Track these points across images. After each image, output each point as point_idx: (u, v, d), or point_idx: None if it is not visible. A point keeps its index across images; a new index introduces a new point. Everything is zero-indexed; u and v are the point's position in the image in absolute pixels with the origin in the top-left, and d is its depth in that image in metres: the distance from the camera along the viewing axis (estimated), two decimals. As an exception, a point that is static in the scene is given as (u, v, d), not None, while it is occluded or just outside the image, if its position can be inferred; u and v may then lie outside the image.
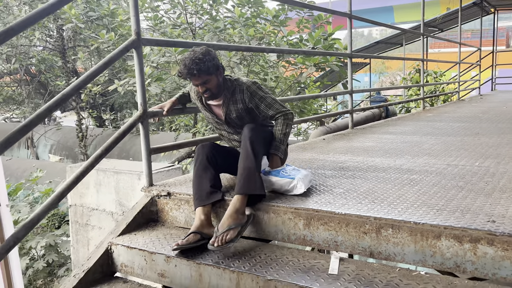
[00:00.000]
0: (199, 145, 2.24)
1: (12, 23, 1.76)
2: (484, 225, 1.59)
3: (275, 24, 8.03)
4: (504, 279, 1.51)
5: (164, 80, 7.18)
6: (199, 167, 2.18)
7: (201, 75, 2.14)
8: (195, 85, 2.24)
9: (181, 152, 9.78)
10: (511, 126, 4.41)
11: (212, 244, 1.83)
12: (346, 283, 1.58)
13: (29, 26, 2.04)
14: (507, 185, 2.16)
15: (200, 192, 2.11)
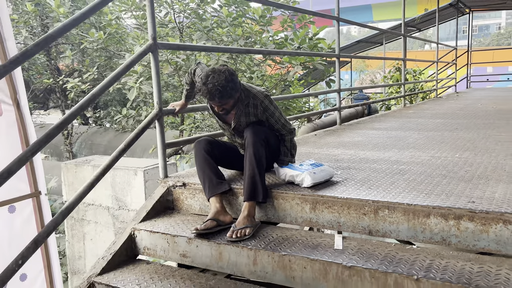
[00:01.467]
0: (195, 142, 2.42)
1: (51, 30, 1.95)
2: (465, 205, 1.89)
3: (261, 24, 8.27)
4: (483, 249, 1.81)
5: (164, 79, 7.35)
6: (200, 161, 2.36)
7: (222, 101, 2.26)
8: (212, 105, 2.37)
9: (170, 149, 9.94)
10: (486, 122, 4.78)
11: (231, 236, 2.07)
12: (350, 256, 1.85)
13: (67, 32, 2.24)
14: (483, 173, 2.47)
15: (209, 183, 2.32)
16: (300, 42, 7.75)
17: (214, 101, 2.26)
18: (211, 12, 8.84)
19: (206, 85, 2.21)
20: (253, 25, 8.32)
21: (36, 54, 1.88)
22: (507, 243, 1.76)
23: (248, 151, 2.27)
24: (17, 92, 2.13)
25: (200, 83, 2.25)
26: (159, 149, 2.65)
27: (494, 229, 1.78)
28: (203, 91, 2.23)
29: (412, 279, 1.65)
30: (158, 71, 2.54)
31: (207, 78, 2.21)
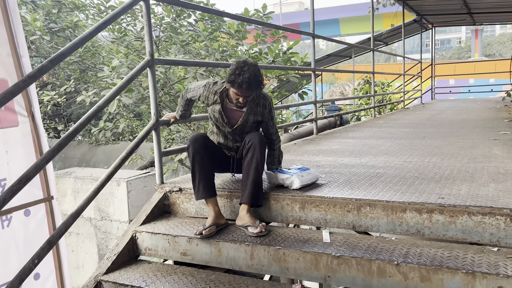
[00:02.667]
0: (192, 138, 2.46)
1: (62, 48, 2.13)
2: (436, 200, 2.16)
3: (236, 38, 8.55)
4: (451, 238, 2.08)
5: (133, 91, 7.49)
6: (199, 160, 2.42)
7: (253, 90, 2.44)
8: (241, 96, 2.43)
9: (144, 161, 10.04)
10: (450, 130, 5.17)
11: (253, 232, 2.28)
12: (338, 247, 2.09)
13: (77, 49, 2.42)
14: (450, 174, 2.77)
15: (205, 183, 2.42)
16: (274, 56, 8.06)
17: (247, 90, 2.39)
18: (187, 26, 9.05)
19: (242, 74, 2.34)
20: (229, 39, 8.59)
21: (50, 70, 2.06)
22: (471, 232, 2.04)
23: (254, 155, 2.40)
24: (31, 104, 2.28)
25: (235, 73, 2.36)
26: (156, 157, 2.83)
27: (461, 220, 2.06)
28: (240, 80, 2.34)
29: (393, 264, 1.90)
30: (155, 84, 2.74)
31: (243, 68, 2.35)
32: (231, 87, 2.43)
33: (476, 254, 1.92)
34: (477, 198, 2.17)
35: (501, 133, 4.63)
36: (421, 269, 1.85)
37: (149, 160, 10.15)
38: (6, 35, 2.10)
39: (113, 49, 9.10)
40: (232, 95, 2.48)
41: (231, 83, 2.41)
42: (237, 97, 2.46)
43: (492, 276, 1.72)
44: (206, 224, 2.36)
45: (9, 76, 2.14)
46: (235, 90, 2.43)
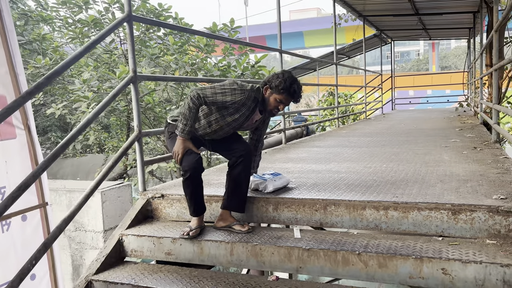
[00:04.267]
0: (193, 159, 2.51)
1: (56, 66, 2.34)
2: (391, 198, 2.49)
3: (205, 52, 8.82)
4: (404, 230, 2.41)
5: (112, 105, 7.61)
6: (194, 184, 2.56)
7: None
8: (284, 103, 2.58)
9: (113, 173, 10.11)
10: (407, 139, 5.61)
11: (242, 229, 2.55)
12: (307, 242, 2.38)
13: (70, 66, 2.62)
14: (405, 177, 3.12)
15: (198, 202, 2.60)
16: (243, 69, 8.37)
17: (296, 100, 2.61)
18: (156, 40, 9.24)
19: (296, 85, 2.55)
20: (199, 52, 8.85)
21: (46, 86, 2.26)
22: (421, 225, 2.38)
23: (246, 167, 2.62)
24: (28, 118, 2.45)
25: (287, 81, 2.52)
26: (138, 166, 3.04)
27: (412, 215, 2.39)
28: (296, 90, 2.56)
29: (355, 254, 2.20)
30: (138, 98, 2.97)
31: (294, 79, 2.57)
32: (280, 94, 2.53)
33: (424, 243, 2.25)
34: (426, 196, 2.51)
35: (452, 140, 5.08)
36: (379, 257, 2.15)
37: (118, 172, 10.22)
38: (4, 55, 2.28)
39: (81, 62, 9.18)
40: (273, 102, 2.58)
41: (282, 90, 2.52)
42: (279, 104, 2.59)
43: (436, 259, 2.05)
44: (192, 226, 2.58)
45: (7, 93, 2.32)
46: (282, 98, 2.55)
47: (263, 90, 2.61)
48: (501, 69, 7.77)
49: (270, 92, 2.57)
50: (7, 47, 2.29)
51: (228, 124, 2.62)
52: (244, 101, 2.54)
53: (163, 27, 7.67)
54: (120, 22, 2.83)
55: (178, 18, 9.08)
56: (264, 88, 2.60)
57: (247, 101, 2.55)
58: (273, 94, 2.56)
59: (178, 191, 2.99)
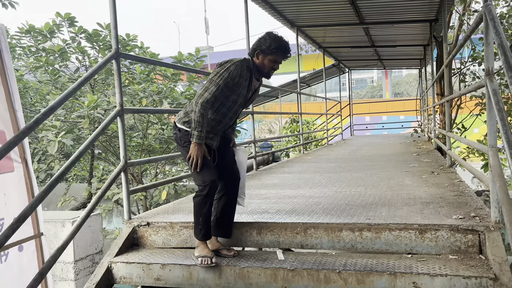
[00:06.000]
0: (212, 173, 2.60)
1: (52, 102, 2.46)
2: (364, 221, 2.74)
3: (173, 80, 9.00)
4: (377, 249, 2.66)
5: (76, 133, 7.58)
6: (210, 199, 2.63)
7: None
8: (277, 62, 2.67)
9: (77, 202, 9.95)
10: (370, 164, 5.97)
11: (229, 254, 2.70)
12: (291, 263, 2.57)
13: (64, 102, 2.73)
14: (373, 201, 3.40)
15: (209, 224, 2.68)
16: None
17: (285, 58, 2.70)
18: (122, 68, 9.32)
19: (283, 42, 2.63)
20: (165, 81, 9.02)
21: (43, 121, 2.38)
22: (392, 244, 2.63)
23: (235, 197, 2.81)
24: (25, 151, 2.52)
25: (276, 41, 2.62)
26: (124, 195, 3.16)
27: (384, 235, 2.65)
28: (286, 46, 2.65)
29: (335, 272, 2.41)
30: (124, 131, 3.11)
31: (280, 37, 2.64)
32: (272, 54, 2.62)
33: (396, 260, 2.50)
34: (395, 218, 2.78)
35: (411, 165, 5.48)
36: (357, 274, 2.38)
37: (81, 201, 10.05)
38: (4, 92, 2.37)
39: (44, 90, 9.12)
40: (268, 63, 2.67)
41: (274, 50, 2.61)
42: (274, 64, 2.69)
43: (408, 274, 2.29)
44: (207, 253, 2.61)
45: (6, 129, 2.40)
46: (276, 57, 2.64)
47: (254, 57, 2.70)
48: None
49: (263, 56, 2.66)
50: (6, 86, 2.39)
51: (235, 102, 2.68)
52: (240, 71, 2.60)
53: (149, 64, 7.83)
54: (109, 59, 2.99)
55: (144, 47, 9.25)
56: (255, 54, 2.69)
57: (242, 71, 2.62)
58: (267, 57, 2.65)
59: (163, 218, 3.13)
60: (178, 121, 2.77)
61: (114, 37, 3.04)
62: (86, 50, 8.90)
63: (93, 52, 9.03)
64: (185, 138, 2.69)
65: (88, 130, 8.28)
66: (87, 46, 8.81)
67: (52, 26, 8.41)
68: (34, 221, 2.66)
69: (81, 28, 8.39)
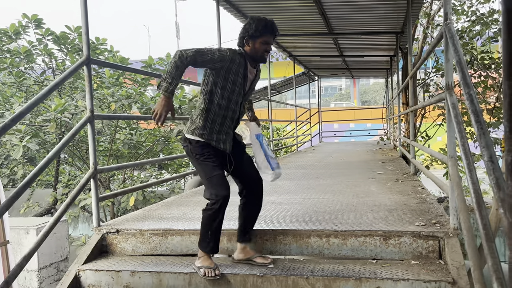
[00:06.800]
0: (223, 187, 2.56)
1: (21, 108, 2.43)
2: (332, 227, 2.83)
3: (143, 85, 8.94)
4: (344, 255, 2.75)
5: (42, 137, 7.41)
6: (222, 212, 2.59)
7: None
8: (269, 43, 2.62)
9: (41, 208, 9.71)
10: (338, 171, 6.11)
11: (264, 262, 2.67)
12: (260, 269, 2.61)
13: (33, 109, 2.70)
14: (340, 208, 3.50)
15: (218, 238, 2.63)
16: (180, 103, 8.57)
17: (274, 37, 2.65)
18: (91, 72, 9.17)
19: (267, 21, 2.60)
20: (135, 85, 8.95)
21: (13, 126, 2.35)
22: (358, 250, 2.73)
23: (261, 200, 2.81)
24: None
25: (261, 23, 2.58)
26: (93, 202, 3.13)
27: (350, 242, 2.74)
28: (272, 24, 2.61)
29: (303, 278, 2.48)
30: (94, 137, 3.09)
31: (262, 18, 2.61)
32: (262, 35, 2.58)
33: (362, 266, 2.59)
34: (360, 224, 2.88)
35: (376, 173, 5.65)
36: (324, 280, 2.45)
37: (45, 207, 9.80)
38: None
39: (8, 93, 8.87)
40: (260, 46, 2.62)
41: (262, 31, 2.58)
42: (266, 45, 2.64)
43: (372, 279, 2.39)
44: (211, 265, 2.56)
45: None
46: (265, 38, 2.60)
47: (245, 45, 2.65)
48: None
49: (252, 41, 2.61)
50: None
51: (232, 90, 2.61)
52: (232, 56, 2.56)
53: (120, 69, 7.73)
54: (80, 65, 2.98)
55: (113, 51, 9.15)
56: (244, 42, 2.64)
57: (234, 56, 2.57)
58: (256, 40, 2.60)
59: (133, 226, 3.12)
60: (186, 131, 2.69)
61: (86, 43, 3.03)
62: (53, 52, 8.73)
63: (60, 54, 8.85)
64: (197, 151, 2.62)
65: (55, 134, 8.11)
66: (54, 48, 8.64)
67: (18, 27, 8.20)
68: (0, 229, 2.61)
69: (48, 30, 8.23)
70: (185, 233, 2.98)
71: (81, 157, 8.83)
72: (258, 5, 6.72)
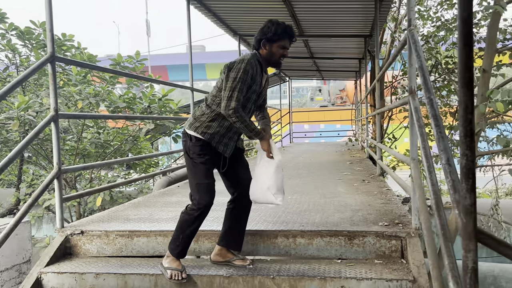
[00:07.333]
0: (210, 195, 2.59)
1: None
2: (298, 228, 2.86)
3: (111, 83, 8.79)
4: (310, 255, 2.78)
5: (4, 135, 7.18)
6: (202, 219, 2.58)
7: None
8: (286, 48, 2.59)
9: (3, 209, 9.43)
10: (307, 171, 6.18)
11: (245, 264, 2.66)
12: (227, 270, 2.62)
13: None
14: (308, 208, 3.55)
15: (187, 245, 2.59)
16: (149, 102, 8.47)
17: (292, 41, 2.61)
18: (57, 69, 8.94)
19: (286, 25, 2.55)
20: (103, 83, 8.79)
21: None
22: (323, 250, 2.77)
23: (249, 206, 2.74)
24: None
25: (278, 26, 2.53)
26: (57, 203, 3.06)
27: (316, 242, 2.78)
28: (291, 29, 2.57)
29: (270, 278, 2.50)
30: (59, 137, 3.02)
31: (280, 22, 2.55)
32: (280, 40, 2.54)
33: (327, 266, 2.64)
34: (326, 225, 2.93)
35: (344, 173, 5.75)
36: (290, 280, 2.48)
37: (7, 207, 9.50)
38: None
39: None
40: (277, 51, 2.58)
41: (280, 35, 2.53)
42: (284, 50, 2.60)
43: (337, 279, 2.43)
44: (178, 267, 2.55)
45: None
46: (284, 43, 2.56)
47: (261, 48, 2.59)
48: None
49: (269, 44, 2.57)
50: None
51: (249, 98, 2.57)
52: (256, 67, 2.53)
53: (87, 68, 7.53)
54: (43, 62, 2.90)
55: (81, 48, 8.95)
56: (261, 45, 2.58)
57: (257, 67, 2.55)
58: (274, 44, 2.56)
59: (98, 227, 3.07)
60: (188, 127, 2.63)
61: (50, 40, 2.95)
62: (17, 48, 8.46)
63: (25, 50, 8.59)
64: (195, 149, 2.58)
65: (18, 132, 7.86)
66: (18, 44, 8.37)
67: (-20, 21, 7.91)
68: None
69: (12, 24, 7.97)
70: (152, 234, 2.95)
71: (46, 156, 8.59)
72: (229, 5, 6.72)
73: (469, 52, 1.13)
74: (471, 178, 1.18)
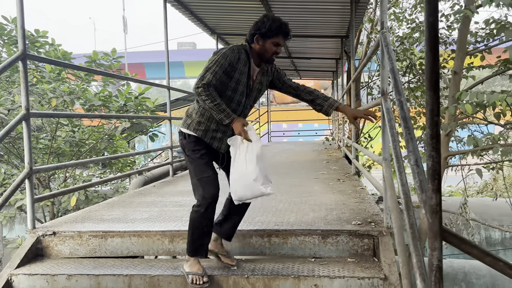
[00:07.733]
0: (213, 187, 2.52)
1: None
2: (273, 227, 2.89)
3: (86, 81, 8.65)
4: (284, 254, 2.81)
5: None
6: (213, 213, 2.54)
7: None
8: (279, 45, 2.49)
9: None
10: (284, 171, 6.22)
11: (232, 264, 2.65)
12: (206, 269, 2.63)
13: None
14: (283, 207, 3.58)
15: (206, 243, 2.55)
16: (126, 100, 8.37)
17: (286, 39, 2.51)
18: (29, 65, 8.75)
19: (282, 22, 2.46)
20: (78, 80, 8.64)
21: None
22: (298, 249, 2.80)
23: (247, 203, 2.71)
24: None
25: (274, 22, 2.45)
26: (28, 203, 3.00)
27: (290, 241, 2.81)
28: (286, 26, 2.47)
29: (244, 277, 2.52)
30: (30, 136, 2.96)
31: (277, 18, 2.46)
32: (274, 36, 2.47)
33: (301, 264, 2.67)
34: (301, 224, 2.96)
35: (320, 172, 5.81)
36: (264, 279, 2.50)
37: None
38: None
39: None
40: (270, 47, 2.50)
41: (275, 32, 2.46)
42: (277, 47, 2.52)
43: (310, 277, 2.46)
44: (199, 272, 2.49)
45: None
46: (277, 40, 2.48)
47: (254, 42, 2.52)
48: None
49: (263, 39, 2.49)
50: None
51: (235, 89, 2.51)
52: (239, 55, 2.47)
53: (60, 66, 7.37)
54: (14, 60, 2.84)
55: (55, 44, 8.77)
56: (254, 39, 2.51)
57: (241, 54, 2.48)
58: (267, 40, 2.48)
59: (71, 227, 3.03)
60: (182, 125, 2.62)
61: (21, 37, 2.89)
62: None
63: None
64: (190, 146, 2.55)
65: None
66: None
67: (-52, 16, 7.68)
68: None
69: (-18, 20, 7.75)
70: (126, 235, 2.93)
71: (19, 154, 8.40)
72: (206, 3, 6.69)
73: (435, 56, 1.17)
74: (436, 179, 1.22)
